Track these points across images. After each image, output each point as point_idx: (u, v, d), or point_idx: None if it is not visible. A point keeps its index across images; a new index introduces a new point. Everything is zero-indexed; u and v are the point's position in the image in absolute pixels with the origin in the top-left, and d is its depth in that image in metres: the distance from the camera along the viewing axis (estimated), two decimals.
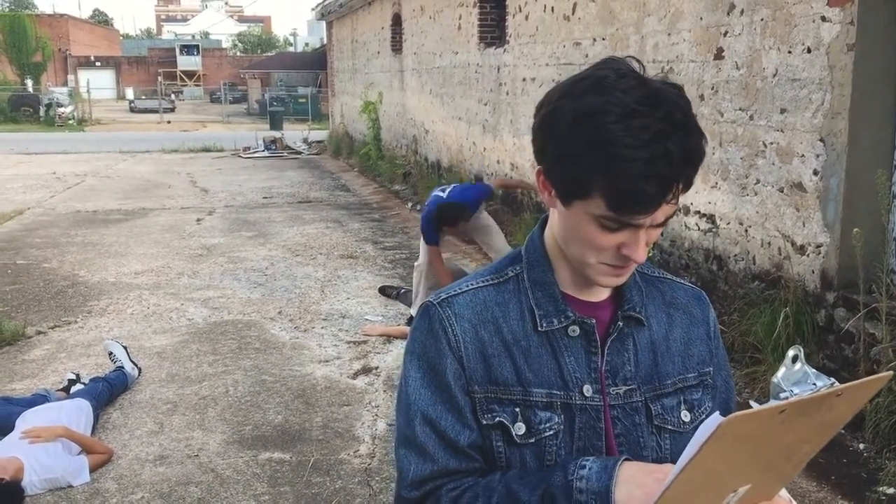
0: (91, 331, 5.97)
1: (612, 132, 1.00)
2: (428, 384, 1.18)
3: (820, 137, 4.36)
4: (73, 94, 38.73)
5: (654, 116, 1.01)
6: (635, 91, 1.02)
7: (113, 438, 4.22)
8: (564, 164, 1.06)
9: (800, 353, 0.93)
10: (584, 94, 1.04)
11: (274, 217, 10.97)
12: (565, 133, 1.05)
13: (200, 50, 61.76)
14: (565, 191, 1.09)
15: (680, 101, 1.05)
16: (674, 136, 1.01)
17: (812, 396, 0.94)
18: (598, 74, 1.06)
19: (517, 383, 1.16)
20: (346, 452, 4.07)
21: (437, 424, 1.17)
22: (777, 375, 0.93)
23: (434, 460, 1.16)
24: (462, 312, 1.19)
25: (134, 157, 19.91)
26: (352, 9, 18.22)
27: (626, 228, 1.07)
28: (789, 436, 0.96)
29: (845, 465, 3.79)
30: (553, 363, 1.17)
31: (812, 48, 4.37)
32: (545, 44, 8.05)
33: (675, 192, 1.04)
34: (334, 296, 6.92)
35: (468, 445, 1.17)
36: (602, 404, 1.17)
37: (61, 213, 11.22)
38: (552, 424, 1.15)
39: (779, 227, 4.74)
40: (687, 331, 1.26)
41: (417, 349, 1.21)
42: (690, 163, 1.03)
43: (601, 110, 1.01)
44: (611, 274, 1.13)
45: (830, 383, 1.03)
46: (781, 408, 0.90)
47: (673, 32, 5.71)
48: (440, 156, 12.22)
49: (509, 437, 1.16)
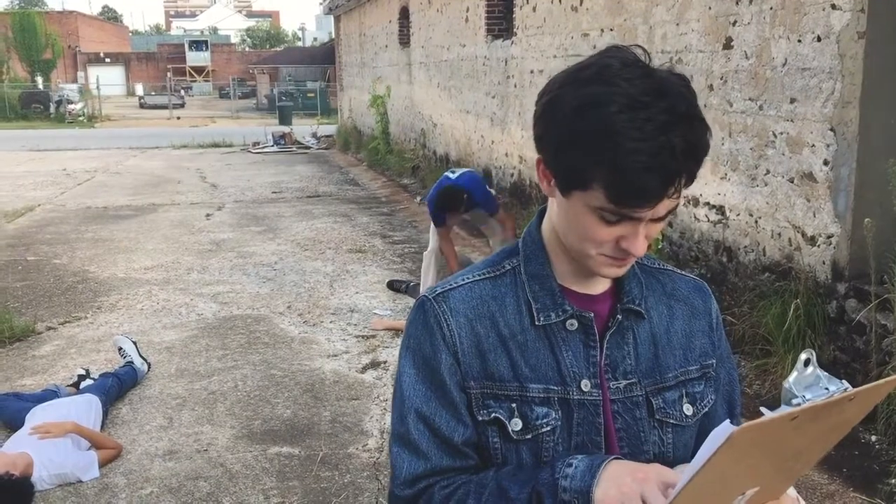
0: (101, 326, 5.99)
1: (615, 123, 0.98)
2: (422, 380, 1.17)
3: (830, 127, 4.31)
4: (83, 91, 38.92)
5: (659, 108, 0.98)
6: (640, 81, 1.00)
7: (122, 434, 4.23)
8: (565, 153, 1.04)
9: (812, 356, 0.92)
10: (587, 83, 1.02)
11: (283, 212, 10.98)
12: (567, 122, 1.02)
13: (209, 45, 61.85)
14: (565, 181, 1.06)
15: (685, 92, 1.02)
16: (678, 128, 0.98)
17: (825, 402, 0.92)
18: (602, 63, 1.03)
19: (513, 378, 1.14)
20: (355, 447, 4.07)
21: (431, 421, 1.15)
22: (789, 380, 0.93)
23: (427, 458, 1.15)
24: (457, 307, 1.17)
25: (144, 152, 19.97)
26: (359, 2, 18.20)
27: (625, 221, 1.04)
28: (800, 440, 0.95)
29: (857, 458, 3.76)
30: (551, 358, 1.15)
31: (822, 37, 4.32)
32: (553, 35, 8.01)
33: (678, 186, 1.01)
34: (343, 290, 6.91)
35: (462, 443, 1.15)
36: (601, 399, 1.15)
37: (71, 210, 11.26)
38: (549, 420, 1.14)
39: (789, 218, 4.70)
40: (688, 323, 1.24)
41: (412, 344, 1.19)
42: (694, 156, 1.01)
43: (605, 100, 0.99)
44: (610, 265, 1.11)
45: (843, 388, 1.01)
46: (794, 415, 0.89)
47: (681, 22, 5.67)
48: (448, 149, 12.20)
49: (505, 433, 1.14)
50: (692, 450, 1.20)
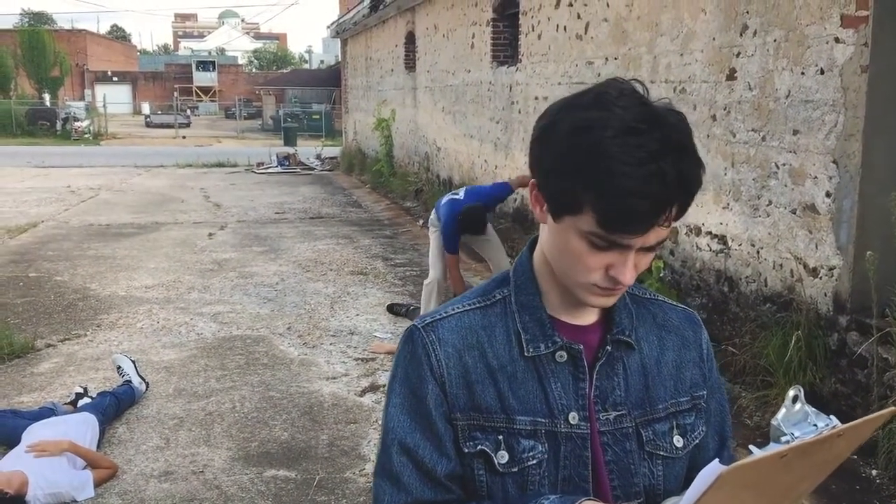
0: (100, 344, 5.98)
1: (607, 147, 0.98)
2: (407, 411, 1.15)
3: (833, 159, 4.33)
4: (90, 109, 39.10)
5: (652, 136, 0.99)
6: (635, 109, 1.01)
7: (118, 453, 4.21)
8: (557, 176, 1.04)
9: (800, 392, 0.91)
10: (583, 109, 1.03)
11: (285, 232, 10.99)
12: (561, 145, 1.03)
13: (216, 66, 62.30)
14: (557, 205, 1.07)
15: (680, 125, 1.03)
16: (670, 157, 0.99)
17: (813, 439, 0.92)
18: (598, 90, 1.05)
19: (500, 410, 1.13)
20: (352, 471, 4.04)
21: (414, 453, 1.14)
22: (777, 417, 0.92)
23: (408, 491, 1.14)
24: (446, 337, 1.16)
25: (148, 171, 20.05)
26: (366, 27, 18.34)
27: (615, 249, 1.04)
28: (790, 476, 0.94)
29: (858, 492, 3.72)
30: (539, 390, 1.14)
31: (825, 69, 4.35)
32: (557, 63, 8.06)
33: (668, 216, 1.01)
34: (343, 312, 6.90)
35: (445, 476, 1.14)
36: (589, 432, 1.14)
37: (74, 227, 11.29)
38: (535, 453, 1.13)
39: (791, 249, 4.70)
40: (679, 353, 1.23)
41: (399, 374, 1.18)
42: (685, 187, 1.01)
43: (599, 125, 1.00)
44: (599, 294, 1.10)
45: (832, 425, 1.00)
46: (783, 453, 0.88)
47: (685, 53, 5.70)
48: (452, 173, 12.24)
49: (491, 465, 1.13)
50: (682, 482, 1.19)
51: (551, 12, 8.20)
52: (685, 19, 5.69)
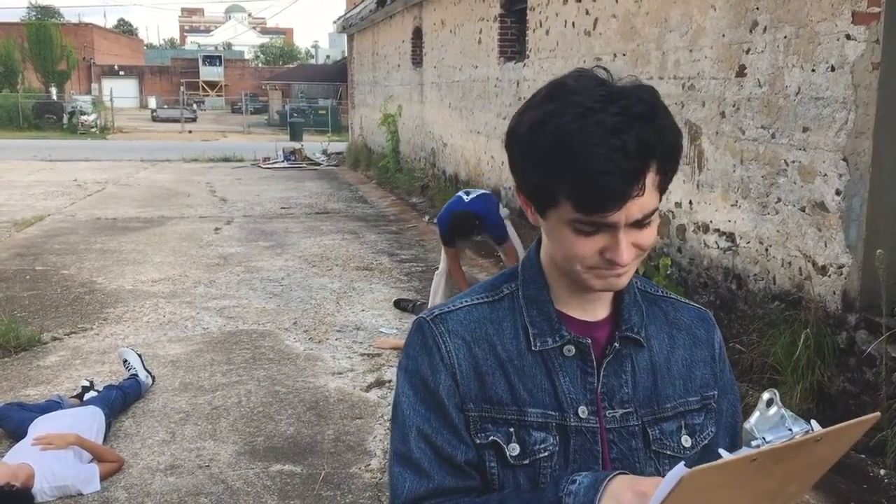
0: (106, 338, 5.99)
1: (568, 132, 0.99)
2: (422, 401, 1.15)
3: (843, 157, 4.30)
4: (97, 103, 39.15)
5: (609, 111, 0.99)
6: (592, 91, 1.01)
7: (124, 447, 4.21)
8: (529, 173, 1.05)
9: (775, 396, 0.90)
10: (542, 103, 1.04)
11: (291, 227, 10.99)
12: (526, 142, 1.04)
13: (223, 61, 62.29)
14: (537, 201, 1.07)
15: (645, 96, 1.02)
16: (632, 128, 0.98)
17: (786, 444, 0.89)
18: (555, 83, 1.06)
19: (512, 402, 1.13)
20: (358, 466, 4.04)
21: (434, 440, 1.13)
22: (750, 421, 0.91)
23: (430, 477, 1.13)
24: (455, 329, 1.16)
25: (154, 165, 20.06)
26: (373, 22, 18.31)
27: (602, 231, 1.04)
28: (769, 481, 0.91)
29: (865, 492, 3.71)
30: (547, 383, 1.14)
31: (836, 66, 4.32)
32: (565, 59, 8.04)
33: (641, 186, 1.00)
34: (349, 307, 6.90)
35: (465, 462, 1.13)
36: (599, 427, 1.14)
37: (81, 220, 11.30)
38: (547, 445, 1.12)
39: (800, 247, 4.68)
40: (690, 352, 1.22)
41: (410, 366, 1.17)
42: (651, 153, 1.00)
43: (557, 114, 1.00)
44: (603, 277, 1.09)
45: (806, 429, 0.98)
46: (752, 457, 0.86)
47: (695, 49, 5.67)
48: (458, 169, 12.22)
49: (503, 457, 1.13)
50: None
51: (559, 8, 8.17)
52: (694, 15, 5.66)
